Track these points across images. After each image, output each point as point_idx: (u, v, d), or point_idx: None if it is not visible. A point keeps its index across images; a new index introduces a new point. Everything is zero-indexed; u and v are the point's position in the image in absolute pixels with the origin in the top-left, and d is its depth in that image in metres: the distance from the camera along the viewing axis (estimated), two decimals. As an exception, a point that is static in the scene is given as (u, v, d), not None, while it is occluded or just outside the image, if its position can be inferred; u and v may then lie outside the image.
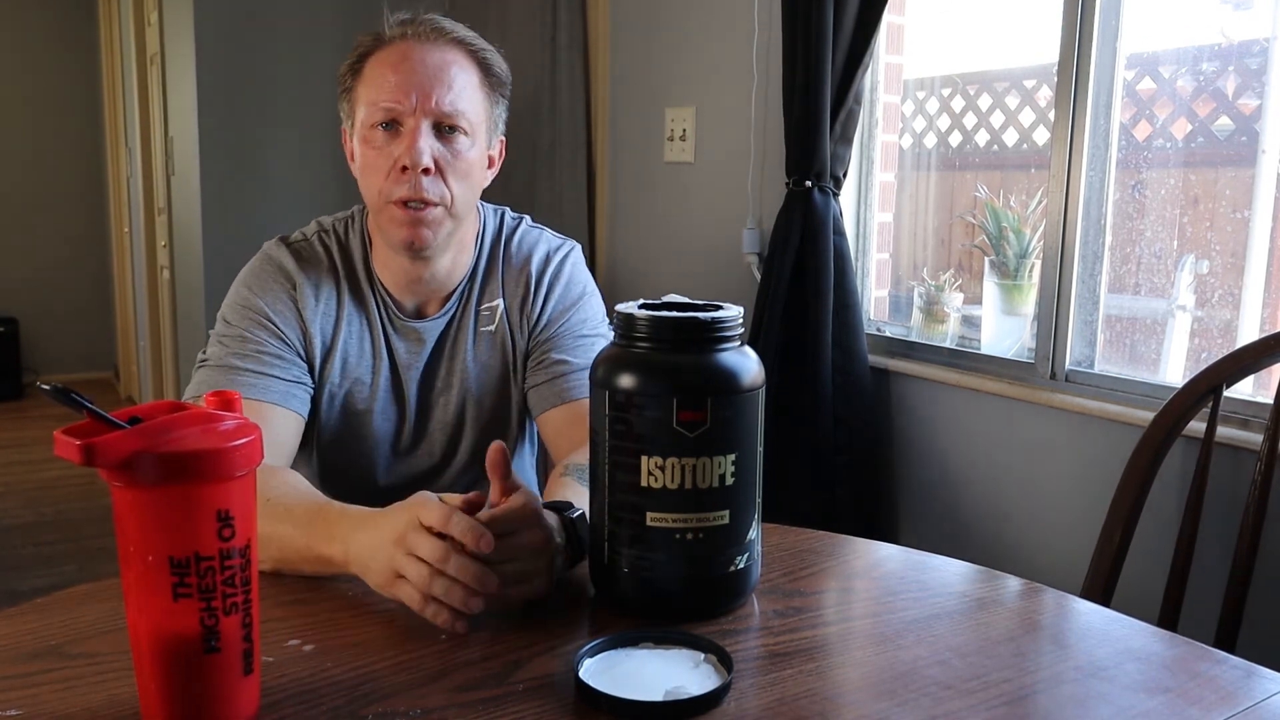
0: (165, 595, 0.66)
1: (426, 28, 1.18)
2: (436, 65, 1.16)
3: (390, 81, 1.15)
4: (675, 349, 0.88)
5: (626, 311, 0.90)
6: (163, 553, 0.65)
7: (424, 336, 1.28)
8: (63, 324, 5.88)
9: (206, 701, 0.69)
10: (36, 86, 5.70)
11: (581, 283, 1.34)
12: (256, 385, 1.16)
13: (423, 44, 1.17)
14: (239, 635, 0.69)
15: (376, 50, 1.19)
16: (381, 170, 1.17)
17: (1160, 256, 1.76)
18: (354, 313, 1.26)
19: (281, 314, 1.21)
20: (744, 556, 0.90)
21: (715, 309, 0.90)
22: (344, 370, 1.25)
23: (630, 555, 0.89)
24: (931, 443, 2.02)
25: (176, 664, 0.67)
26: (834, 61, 2.00)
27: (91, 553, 3.34)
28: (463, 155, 1.18)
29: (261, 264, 1.25)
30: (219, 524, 0.66)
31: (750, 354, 0.91)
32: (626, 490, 0.88)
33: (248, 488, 0.69)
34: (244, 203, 3.31)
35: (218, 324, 1.23)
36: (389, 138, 1.16)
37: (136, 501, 0.65)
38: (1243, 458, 1.52)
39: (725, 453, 0.87)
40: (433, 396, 1.30)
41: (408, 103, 1.15)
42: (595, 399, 0.90)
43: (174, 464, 0.64)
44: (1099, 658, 0.85)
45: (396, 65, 1.16)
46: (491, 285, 1.30)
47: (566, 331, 1.29)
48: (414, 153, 1.14)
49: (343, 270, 1.26)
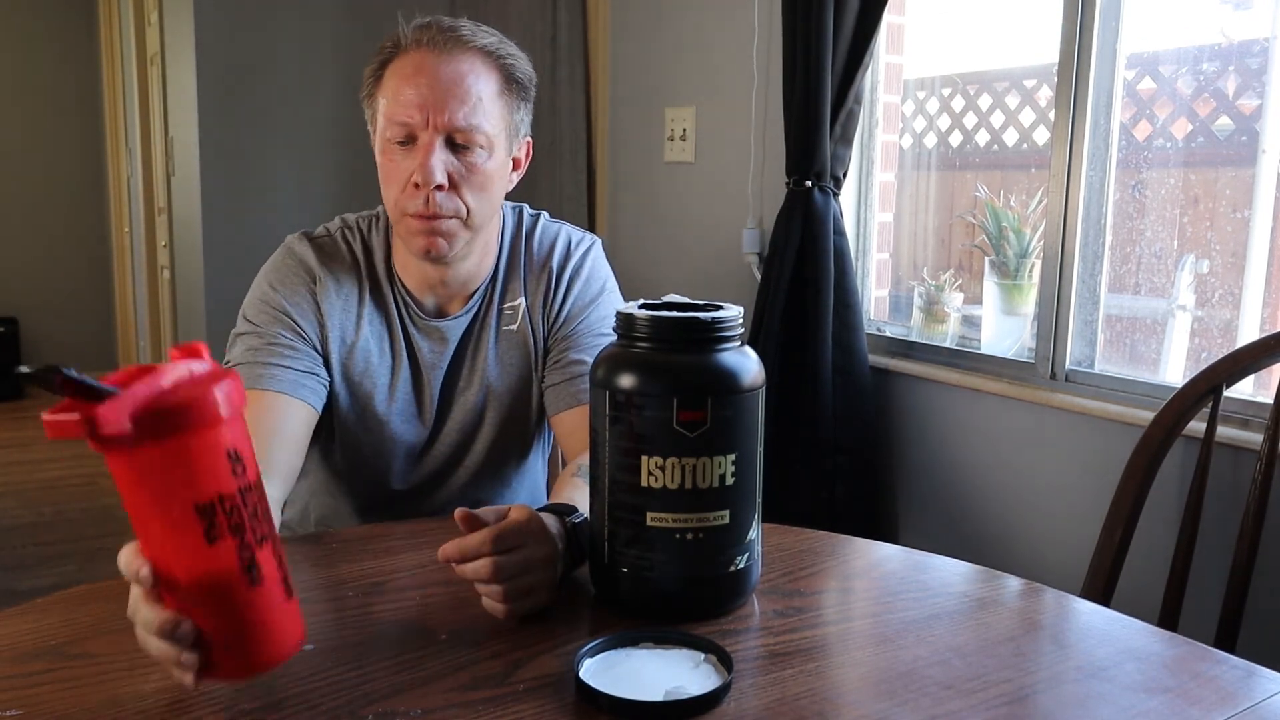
0: (199, 541, 0.67)
1: (443, 36, 1.15)
2: (451, 78, 1.14)
3: (405, 95, 1.13)
4: (675, 349, 0.88)
5: (626, 311, 0.90)
6: (189, 502, 0.66)
7: (447, 335, 1.27)
8: (63, 323, 5.88)
9: (264, 633, 0.70)
10: (36, 86, 5.69)
11: (601, 278, 1.32)
12: (264, 376, 1.16)
13: (439, 54, 1.14)
14: (275, 564, 0.71)
15: (395, 58, 1.17)
16: (397, 183, 1.16)
17: (1160, 256, 1.76)
18: (374, 310, 1.26)
19: (299, 307, 1.21)
20: (744, 556, 0.90)
21: (715, 309, 0.90)
22: (365, 366, 1.25)
23: (630, 555, 0.89)
24: (931, 443, 2.02)
25: (226, 605, 0.69)
26: (834, 61, 2.00)
27: (91, 553, 3.33)
28: (479, 168, 1.16)
29: (284, 257, 1.25)
30: (231, 463, 0.67)
31: (750, 354, 0.91)
32: (626, 490, 0.88)
33: (243, 426, 0.70)
34: (244, 202, 3.31)
35: (239, 322, 1.23)
36: (405, 151, 1.15)
37: (147, 461, 0.65)
38: (1243, 458, 1.52)
39: (725, 453, 0.87)
40: (454, 395, 1.30)
41: (420, 118, 1.13)
42: (595, 398, 0.90)
43: (178, 415, 0.65)
44: (1099, 658, 0.85)
45: (411, 78, 1.14)
46: (514, 284, 1.30)
47: (585, 329, 1.29)
48: (426, 170, 1.13)
49: (364, 267, 1.26)
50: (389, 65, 1.17)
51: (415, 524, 1.17)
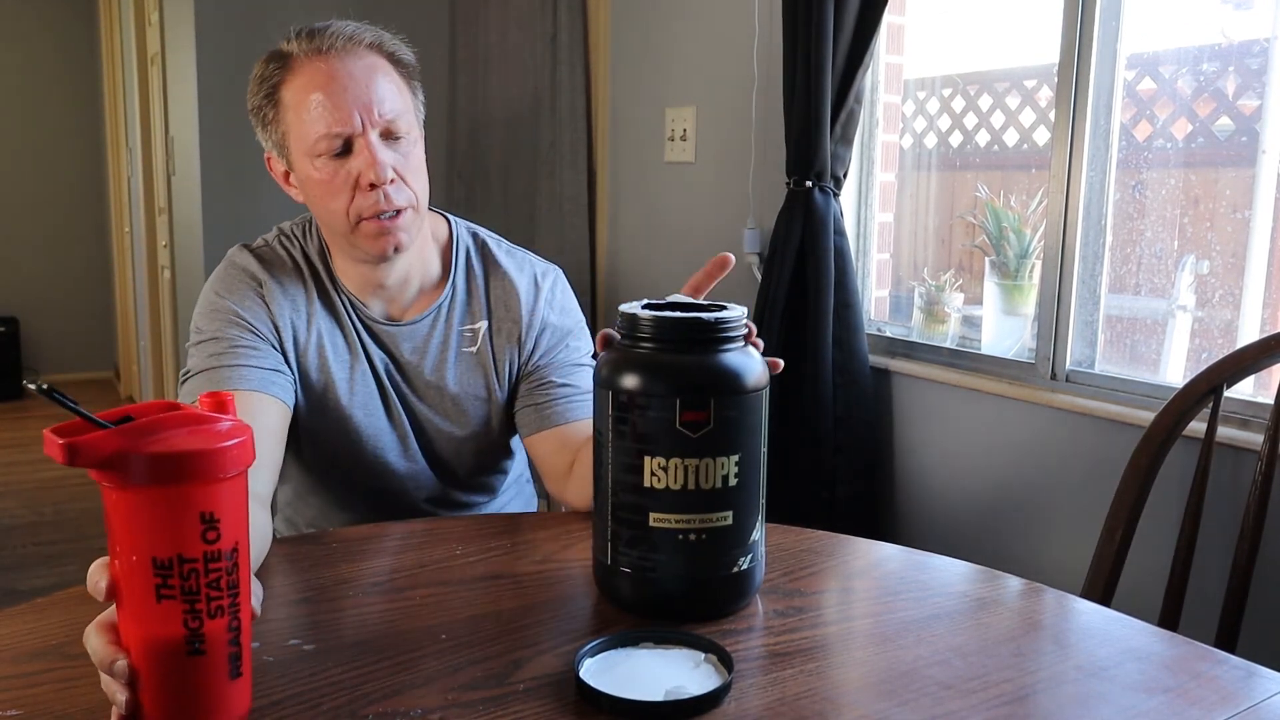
0: (149, 596, 0.65)
1: (338, 39, 1.16)
2: (364, 76, 1.15)
3: (326, 105, 1.13)
4: (679, 349, 0.88)
5: (630, 311, 0.90)
6: (146, 553, 0.65)
7: (400, 340, 1.28)
8: (63, 324, 5.88)
9: (190, 704, 0.68)
10: (36, 86, 5.70)
11: (573, 310, 1.36)
12: (232, 377, 1.15)
13: (340, 57, 1.15)
14: (225, 639, 0.68)
15: (287, 77, 1.16)
16: (342, 191, 1.16)
17: (1160, 256, 1.76)
18: (323, 311, 1.26)
19: (251, 309, 1.21)
20: (747, 558, 0.90)
21: (719, 309, 0.90)
22: (320, 360, 1.25)
23: (633, 556, 0.89)
24: (931, 443, 2.02)
25: (160, 666, 0.67)
26: (834, 61, 2.00)
27: (91, 553, 3.33)
28: (412, 154, 1.19)
29: (226, 269, 1.25)
30: (203, 526, 0.65)
31: (754, 354, 0.91)
32: (629, 491, 0.88)
33: (236, 490, 0.68)
34: (244, 202, 3.31)
35: (191, 334, 1.22)
36: (340, 161, 1.15)
37: (121, 501, 0.65)
38: (1243, 458, 1.52)
39: (728, 453, 0.87)
40: (412, 402, 1.30)
41: (353, 122, 1.14)
42: (599, 399, 0.90)
43: (155, 464, 0.64)
44: (1099, 658, 0.85)
45: (325, 86, 1.14)
46: (474, 307, 1.31)
47: (564, 360, 1.31)
48: (377, 169, 1.14)
49: (307, 272, 1.27)
50: (282, 86, 1.17)
51: (415, 524, 1.16)
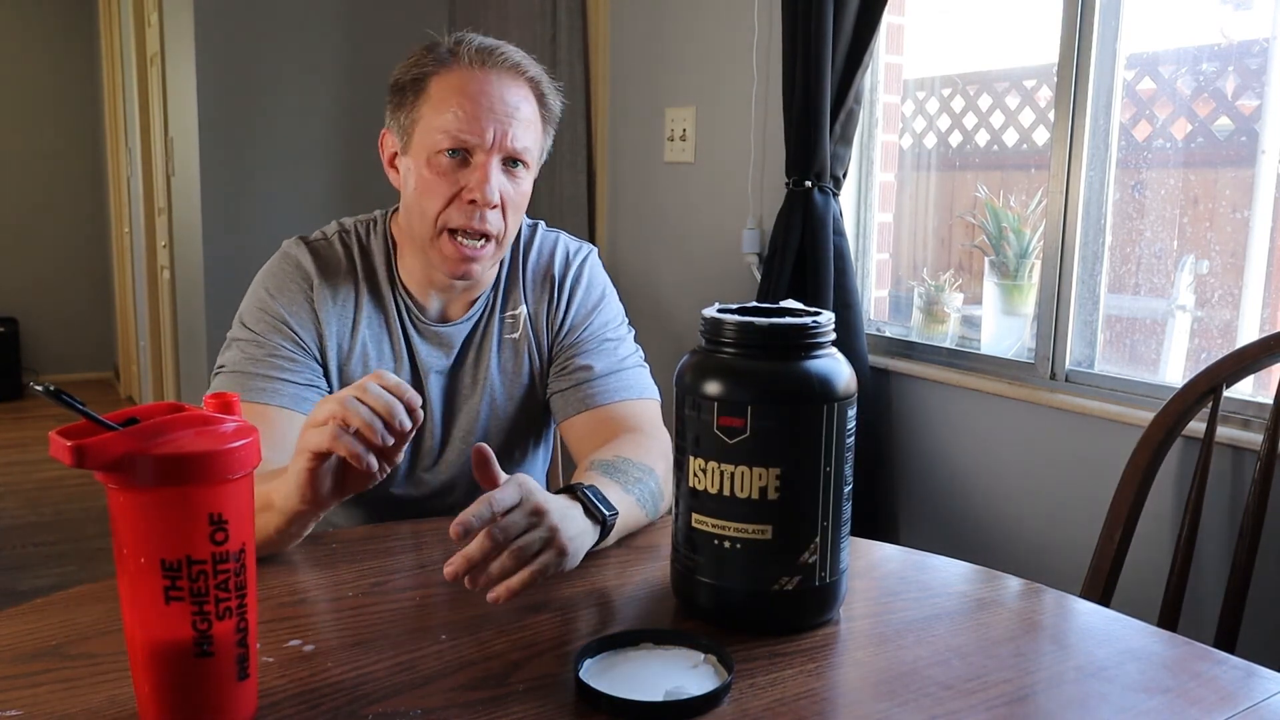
0: (157, 598, 0.66)
1: (502, 59, 1.17)
2: (512, 101, 1.17)
3: (465, 111, 1.14)
4: (749, 355, 0.85)
5: (709, 315, 0.89)
6: (154, 555, 0.65)
7: (450, 341, 1.28)
8: (63, 324, 5.88)
9: (199, 706, 0.68)
10: (36, 87, 5.69)
11: (601, 285, 1.35)
12: (267, 390, 1.16)
13: (493, 74, 1.16)
14: (233, 640, 0.68)
15: (442, 71, 1.17)
16: (442, 196, 1.17)
17: (1160, 256, 1.76)
18: (372, 314, 1.26)
19: (298, 316, 1.21)
20: (794, 579, 0.86)
21: (810, 314, 0.88)
22: (363, 370, 1.25)
23: (683, 553, 0.90)
24: (931, 443, 2.02)
25: (168, 668, 0.67)
26: (834, 61, 2.00)
27: (91, 553, 3.34)
28: (522, 189, 1.20)
29: (280, 263, 1.25)
30: (211, 527, 0.65)
31: (826, 367, 0.86)
32: (681, 488, 0.89)
33: (243, 491, 0.68)
34: (244, 203, 3.31)
35: (235, 326, 1.23)
36: (456, 166, 1.16)
37: (129, 503, 0.65)
38: (1243, 458, 1.52)
39: (766, 465, 0.84)
40: (457, 402, 1.30)
41: (484, 137, 1.15)
42: (676, 394, 0.90)
43: (163, 466, 0.64)
44: (1099, 658, 0.85)
45: (473, 95, 1.15)
46: (515, 293, 1.31)
47: (590, 336, 1.31)
48: (486, 190, 1.15)
49: (362, 271, 1.26)
50: (433, 78, 1.17)
51: (415, 524, 1.17)
